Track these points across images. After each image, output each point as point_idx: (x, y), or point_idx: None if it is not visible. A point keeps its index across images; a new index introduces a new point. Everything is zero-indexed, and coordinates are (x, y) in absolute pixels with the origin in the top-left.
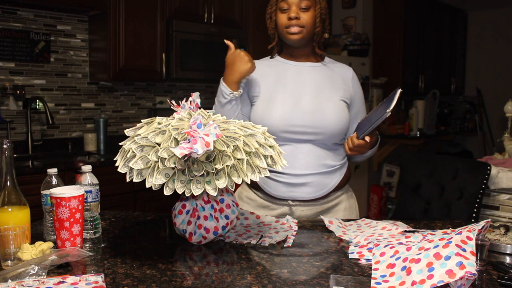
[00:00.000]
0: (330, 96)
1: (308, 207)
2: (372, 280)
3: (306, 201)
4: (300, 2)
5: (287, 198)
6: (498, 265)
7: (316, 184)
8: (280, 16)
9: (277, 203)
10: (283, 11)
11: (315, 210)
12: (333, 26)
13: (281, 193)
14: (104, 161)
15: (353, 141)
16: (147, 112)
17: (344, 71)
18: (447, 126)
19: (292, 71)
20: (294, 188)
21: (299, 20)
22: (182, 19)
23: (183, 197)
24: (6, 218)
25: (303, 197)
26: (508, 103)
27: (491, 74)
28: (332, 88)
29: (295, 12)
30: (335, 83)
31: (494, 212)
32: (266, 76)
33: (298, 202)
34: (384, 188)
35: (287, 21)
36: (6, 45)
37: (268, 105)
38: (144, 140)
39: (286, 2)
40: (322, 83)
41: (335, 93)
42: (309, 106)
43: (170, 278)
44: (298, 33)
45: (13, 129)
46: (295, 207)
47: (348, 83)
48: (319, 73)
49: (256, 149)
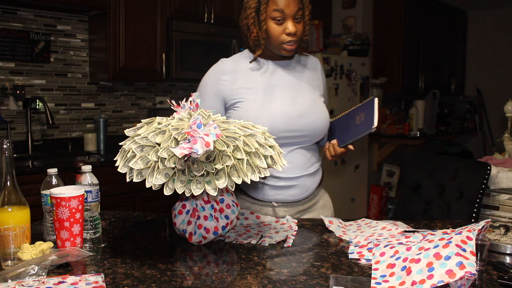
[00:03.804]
0: (311, 95)
1: (291, 207)
2: (372, 280)
3: (290, 202)
4: (295, 12)
5: (272, 200)
6: (498, 265)
7: (301, 186)
8: (274, 28)
9: (260, 204)
10: (277, 21)
11: (296, 210)
12: (333, 26)
13: (267, 196)
14: (104, 161)
15: (335, 149)
16: (147, 112)
17: (313, 63)
18: (447, 126)
19: (271, 71)
20: (280, 190)
21: (295, 35)
22: (182, 19)
23: (183, 197)
24: (6, 218)
25: (288, 199)
26: (508, 103)
27: (491, 74)
28: (311, 86)
29: (293, 26)
30: (312, 80)
31: (494, 212)
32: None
33: (282, 203)
34: (384, 188)
35: (285, 36)
36: (6, 45)
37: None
38: (144, 140)
39: (281, 12)
40: (300, 84)
41: (314, 91)
42: (294, 110)
43: (170, 278)
44: (294, 48)
45: (13, 129)
46: (279, 208)
47: (319, 76)
48: (295, 71)
49: (256, 149)
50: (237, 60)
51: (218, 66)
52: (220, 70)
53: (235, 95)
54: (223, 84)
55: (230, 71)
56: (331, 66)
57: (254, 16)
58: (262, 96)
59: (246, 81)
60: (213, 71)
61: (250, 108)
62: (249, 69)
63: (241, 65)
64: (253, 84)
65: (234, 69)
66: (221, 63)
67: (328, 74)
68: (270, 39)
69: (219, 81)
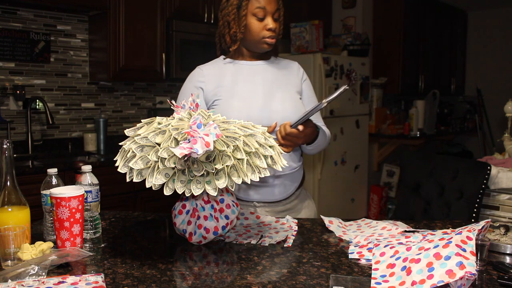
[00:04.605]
0: (286, 92)
1: (272, 207)
2: (372, 280)
3: (271, 202)
4: (275, 11)
5: (254, 200)
6: (498, 265)
7: (282, 185)
8: (255, 24)
9: (242, 204)
10: (258, 18)
11: (278, 210)
12: (333, 26)
13: (248, 195)
14: (104, 161)
15: (286, 129)
16: (147, 112)
17: (290, 65)
18: (447, 126)
19: (248, 71)
20: (261, 190)
21: (275, 32)
22: (182, 19)
23: (183, 197)
24: (6, 218)
25: (269, 199)
26: (508, 103)
27: (491, 74)
28: (287, 84)
29: (273, 23)
30: (286, 78)
31: (494, 212)
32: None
33: (263, 203)
34: (384, 188)
35: (266, 32)
36: (6, 45)
37: (227, 108)
38: (144, 140)
39: (263, 10)
40: (276, 81)
41: (290, 88)
42: (272, 105)
43: (170, 278)
44: (274, 43)
45: (13, 129)
46: (260, 208)
47: (295, 75)
48: (271, 70)
49: (256, 149)
50: (213, 64)
51: (195, 71)
52: (198, 74)
53: (214, 96)
54: (202, 85)
55: (207, 74)
56: (331, 66)
57: (235, 13)
58: (238, 93)
59: (222, 79)
60: (191, 76)
61: (228, 104)
62: (225, 69)
63: (217, 66)
64: (229, 82)
65: (210, 71)
66: (198, 68)
67: (328, 74)
68: (250, 34)
69: (198, 83)
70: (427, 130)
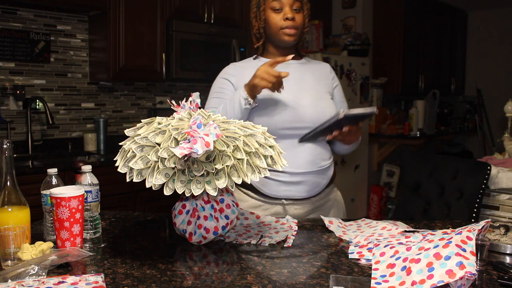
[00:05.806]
0: (321, 91)
1: (301, 205)
2: (372, 280)
3: (300, 200)
4: (293, 3)
5: (282, 197)
6: (498, 265)
7: (311, 182)
8: (273, 16)
9: (270, 202)
10: (276, 11)
11: (307, 208)
12: (333, 26)
13: (277, 192)
14: (104, 161)
15: None
16: (147, 112)
17: (322, 66)
18: (447, 126)
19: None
20: (290, 186)
21: (294, 21)
22: (182, 19)
23: (183, 197)
24: (6, 218)
25: (298, 195)
26: (508, 103)
27: (491, 74)
28: (319, 84)
29: (291, 13)
30: (319, 79)
31: (494, 212)
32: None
33: (292, 201)
34: (384, 188)
35: (283, 22)
36: (6, 45)
37: (267, 105)
38: (144, 140)
39: (278, 1)
40: (310, 80)
41: (323, 88)
42: (309, 102)
43: (170, 278)
44: (294, 34)
45: (13, 129)
46: (289, 206)
47: (328, 76)
48: (304, 70)
49: (256, 149)
50: (245, 61)
51: (228, 65)
52: (229, 68)
53: None
54: (230, 78)
55: (239, 68)
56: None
57: (255, 11)
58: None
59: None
60: (224, 69)
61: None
62: (256, 66)
63: (248, 64)
64: None
65: (241, 68)
66: (231, 63)
67: None
68: (270, 27)
69: (227, 75)
70: (427, 130)
